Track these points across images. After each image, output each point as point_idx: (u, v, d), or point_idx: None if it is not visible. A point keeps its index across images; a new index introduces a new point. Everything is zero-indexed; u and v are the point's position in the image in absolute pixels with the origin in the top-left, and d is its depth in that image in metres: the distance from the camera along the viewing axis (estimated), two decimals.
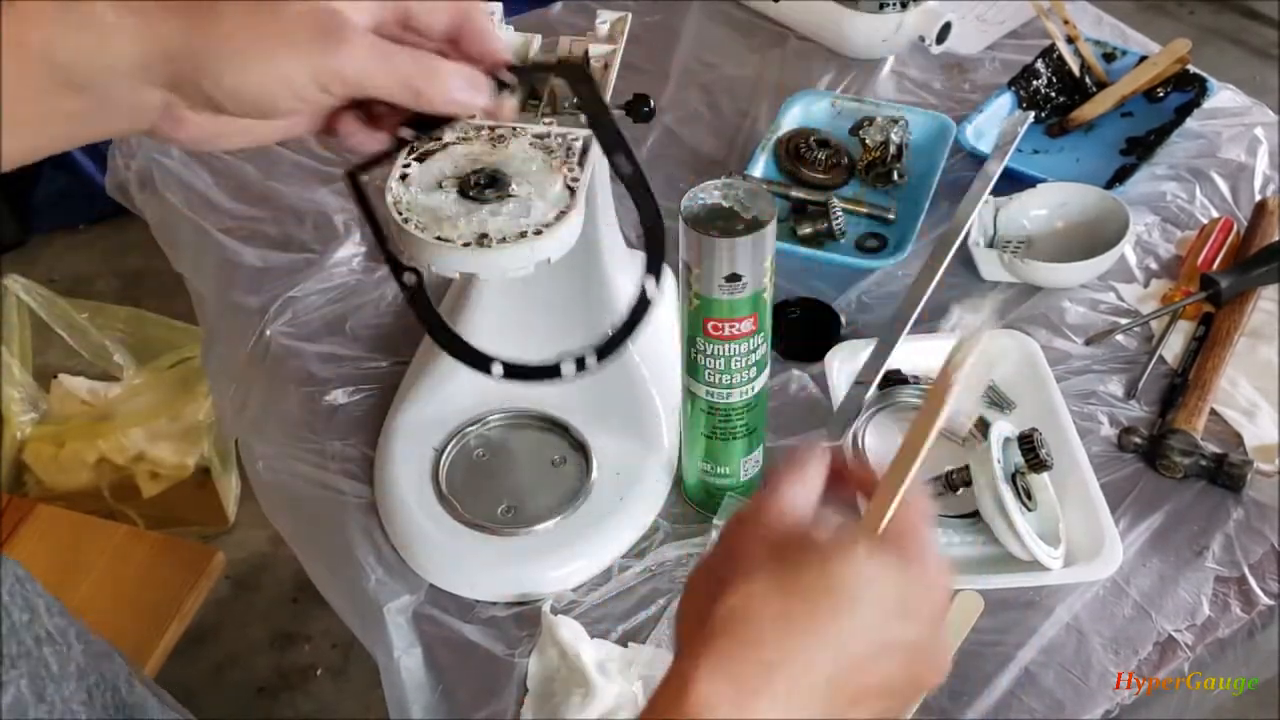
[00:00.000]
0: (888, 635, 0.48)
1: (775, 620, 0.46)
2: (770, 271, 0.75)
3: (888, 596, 0.48)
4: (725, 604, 0.46)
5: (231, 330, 1.09)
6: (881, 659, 0.48)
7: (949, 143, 1.17)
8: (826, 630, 0.46)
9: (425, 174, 0.92)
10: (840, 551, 0.48)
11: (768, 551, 0.48)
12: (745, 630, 0.46)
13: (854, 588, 0.47)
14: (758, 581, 0.47)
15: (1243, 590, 0.83)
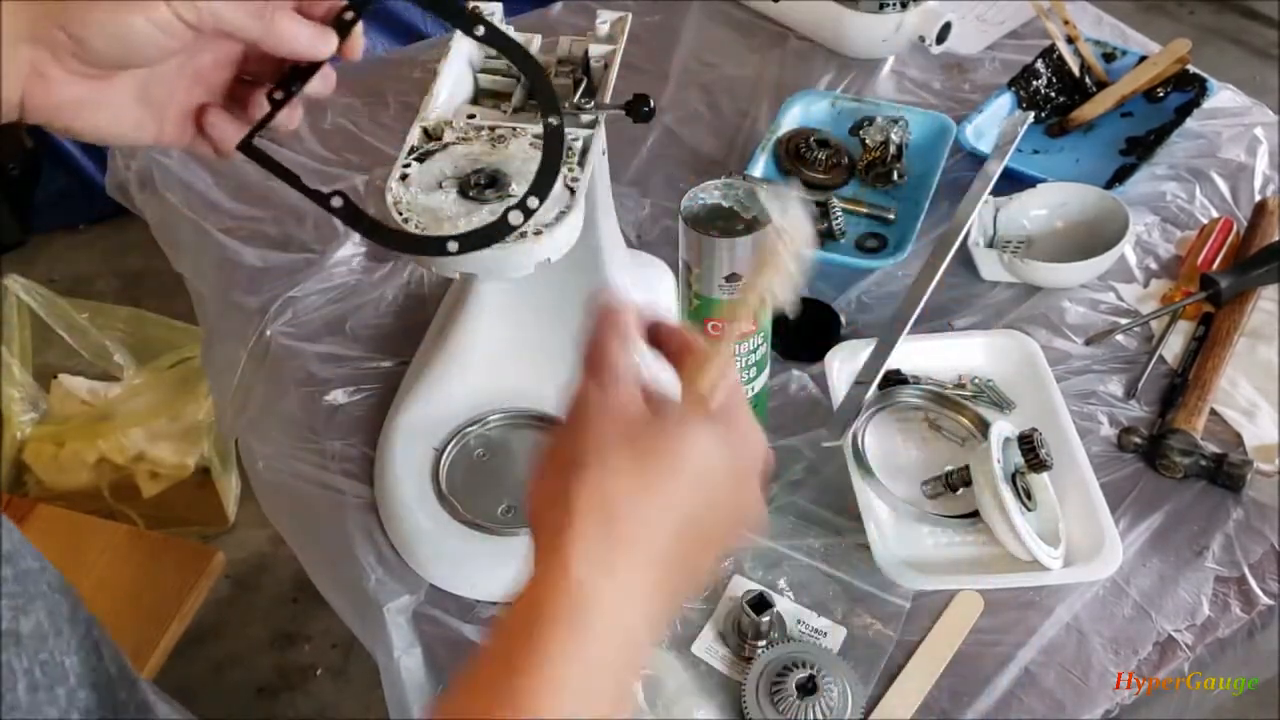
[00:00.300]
0: (722, 496, 0.53)
1: (631, 497, 0.50)
2: None
3: (721, 466, 0.53)
4: (584, 485, 0.50)
5: (231, 330, 1.09)
6: (717, 514, 0.53)
7: (949, 143, 1.17)
8: (674, 501, 0.51)
9: (425, 174, 0.92)
10: (681, 431, 0.53)
11: (617, 434, 0.52)
12: (606, 511, 0.49)
13: (695, 463, 0.52)
14: (612, 465, 0.50)
15: (1243, 590, 0.84)
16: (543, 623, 0.47)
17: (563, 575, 0.48)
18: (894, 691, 0.77)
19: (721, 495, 0.53)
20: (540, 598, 0.49)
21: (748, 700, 0.75)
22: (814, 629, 0.81)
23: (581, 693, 0.46)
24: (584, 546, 0.49)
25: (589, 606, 0.48)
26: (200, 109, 0.68)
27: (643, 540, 0.50)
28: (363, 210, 0.70)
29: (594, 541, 0.49)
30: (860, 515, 0.85)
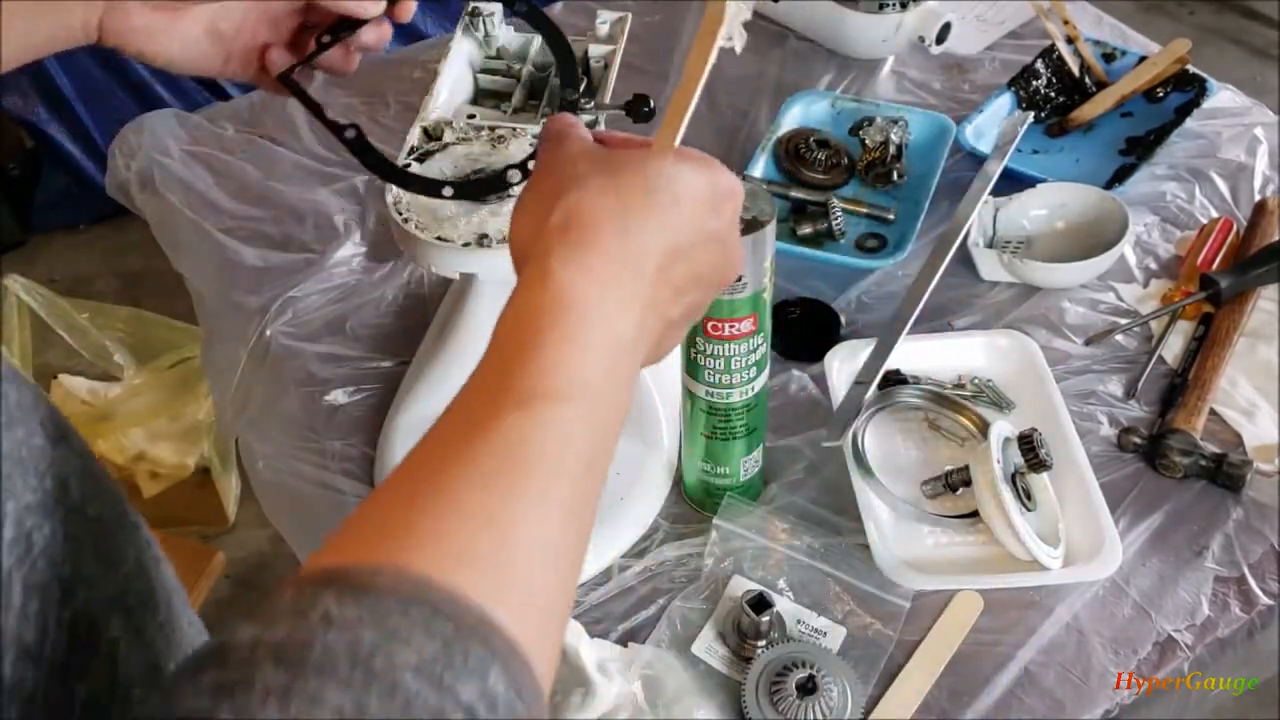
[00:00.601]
0: (704, 226, 0.54)
1: (611, 215, 0.50)
2: (770, 271, 0.75)
3: (700, 193, 0.54)
4: (562, 207, 0.50)
5: (231, 330, 1.09)
6: (699, 248, 0.53)
7: (949, 143, 1.17)
8: (656, 222, 0.51)
9: (425, 174, 0.92)
10: (654, 158, 0.54)
11: (591, 163, 0.53)
12: (586, 226, 0.50)
13: (672, 185, 0.53)
14: (590, 186, 0.51)
15: (1242, 590, 0.84)
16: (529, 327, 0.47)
17: (544, 281, 0.48)
18: (894, 691, 0.77)
19: (708, 226, 0.54)
20: (522, 307, 0.48)
21: (747, 700, 0.75)
22: (814, 629, 0.81)
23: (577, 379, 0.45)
24: (562, 253, 0.49)
25: (572, 304, 0.47)
26: (264, 47, 0.75)
27: (623, 251, 0.50)
28: (371, 145, 0.76)
29: (573, 248, 0.49)
30: (860, 515, 0.85)
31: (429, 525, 0.40)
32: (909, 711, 0.76)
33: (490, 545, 0.40)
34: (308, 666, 0.34)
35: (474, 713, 0.36)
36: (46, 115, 2.33)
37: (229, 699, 0.34)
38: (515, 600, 0.39)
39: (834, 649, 0.79)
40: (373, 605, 0.36)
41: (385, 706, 0.34)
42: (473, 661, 0.36)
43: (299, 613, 0.36)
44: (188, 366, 1.78)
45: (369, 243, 1.13)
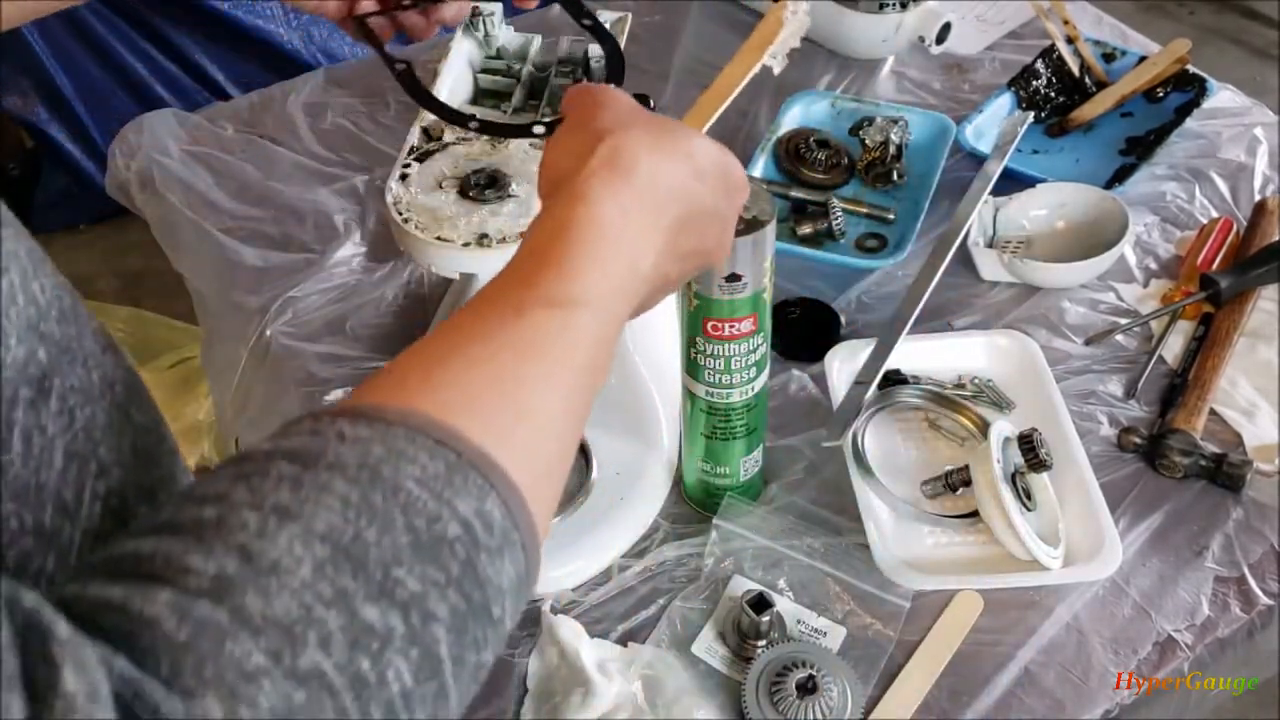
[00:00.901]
0: (716, 204, 0.58)
1: (651, 162, 0.54)
2: (770, 271, 0.75)
3: (721, 175, 0.58)
4: (610, 143, 0.53)
5: (231, 330, 1.09)
6: (707, 221, 0.58)
7: (949, 143, 1.17)
8: (683, 182, 0.55)
9: (425, 174, 0.92)
10: (689, 128, 0.59)
11: (638, 115, 0.57)
12: (628, 164, 0.53)
13: (704, 158, 0.57)
14: (637, 132, 0.55)
15: (1242, 590, 0.84)
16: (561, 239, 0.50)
17: (583, 201, 0.51)
18: (894, 691, 0.77)
19: (715, 198, 0.58)
20: (558, 221, 0.51)
21: (747, 700, 0.75)
22: (814, 629, 0.81)
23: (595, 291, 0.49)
24: (603, 179, 0.52)
25: (602, 226, 0.51)
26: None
27: (653, 197, 0.54)
28: (420, 83, 0.80)
29: (612, 179, 0.52)
30: (860, 515, 0.85)
31: (438, 379, 0.43)
32: (909, 711, 0.76)
33: (495, 402, 0.43)
34: (320, 465, 0.38)
35: (470, 527, 0.39)
36: (46, 115, 2.33)
37: (245, 482, 0.37)
38: (515, 452, 0.42)
39: (834, 649, 0.79)
40: (383, 430, 0.39)
41: (387, 503, 0.37)
42: (472, 485, 0.39)
43: (314, 431, 0.40)
44: (188, 366, 1.78)
45: (369, 243, 1.13)
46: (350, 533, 0.36)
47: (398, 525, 0.37)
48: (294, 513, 0.36)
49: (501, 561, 0.40)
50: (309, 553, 0.35)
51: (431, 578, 0.37)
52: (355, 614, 0.35)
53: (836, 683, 0.75)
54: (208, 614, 0.33)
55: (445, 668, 0.37)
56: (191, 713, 0.32)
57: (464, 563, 0.38)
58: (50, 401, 0.41)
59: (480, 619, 0.39)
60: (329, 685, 0.34)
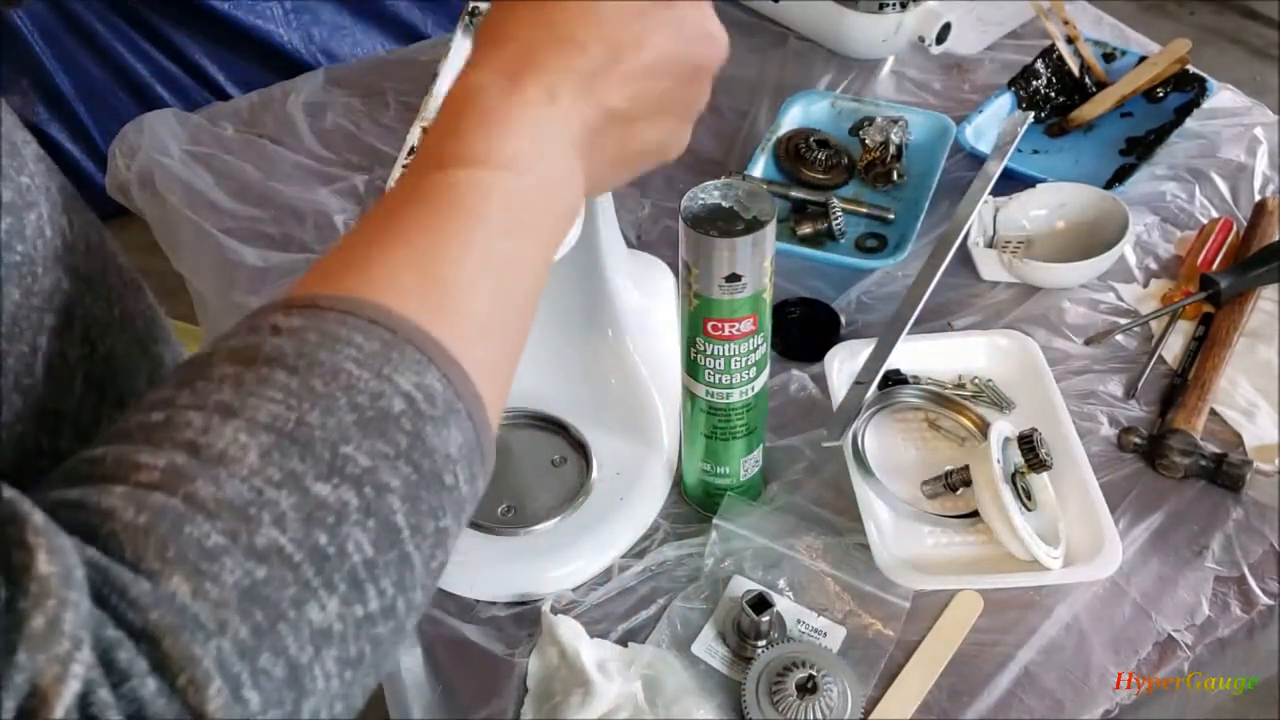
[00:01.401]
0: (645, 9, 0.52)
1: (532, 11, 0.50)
2: (770, 271, 0.75)
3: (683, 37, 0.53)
4: (488, 17, 0.51)
5: None
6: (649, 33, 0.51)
7: (949, 143, 1.17)
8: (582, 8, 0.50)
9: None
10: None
11: None
12: (503, 30, 0.50)
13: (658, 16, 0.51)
14: None
15: (1242, 590, 0.84)
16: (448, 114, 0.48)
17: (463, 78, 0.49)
18: (894, 691, 0.77)
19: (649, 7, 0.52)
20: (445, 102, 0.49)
21: (747, 700, 0.75)
22: (814, 629, 0.81)
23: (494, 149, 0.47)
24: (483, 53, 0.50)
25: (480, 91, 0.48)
26: None
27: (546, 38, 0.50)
28: None
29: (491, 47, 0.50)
30: (860, 515, 0.85)
31: (363, 261, 0.43)
32: (909, 711, 0.76)
33: (417, 275, 0.43)
34: (258, 360, 0.38)
35: (413, 400, 0.39)
36: (46, 115, 2.33)
37: (189, 387, 0.38)
38: (446, 323, 0.42)
39: (834, 649, 0.79)
40: (316, 316, 0.40)
41: (329, 386, 0.38)
42: (409, 360, 0.40)
43: (251, 328, 0.40)
44: None
45: None
46: (293, 419, 0.37)
47: (341, 405, 0.38)
48: (235, 408, 0.37)
49: (448, 430, 0.41)
50: (254, 441, 0.36)
51: (380, 451, 0.38)
52: (306, 492, 0.36)
53: (836, 683, 0.75)
54: (162, 501, 0.34)
55: (404, 535, 0.38)
56: (160, 590, 0.33)
57: (410, 434, 0.39)
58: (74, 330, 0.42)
59: (433, 487, 0.40)
60: (288, 559, 0.35)
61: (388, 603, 0.38)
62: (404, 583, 0.39)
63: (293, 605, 0.35)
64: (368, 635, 0.37)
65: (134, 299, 0.48)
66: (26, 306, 0.41)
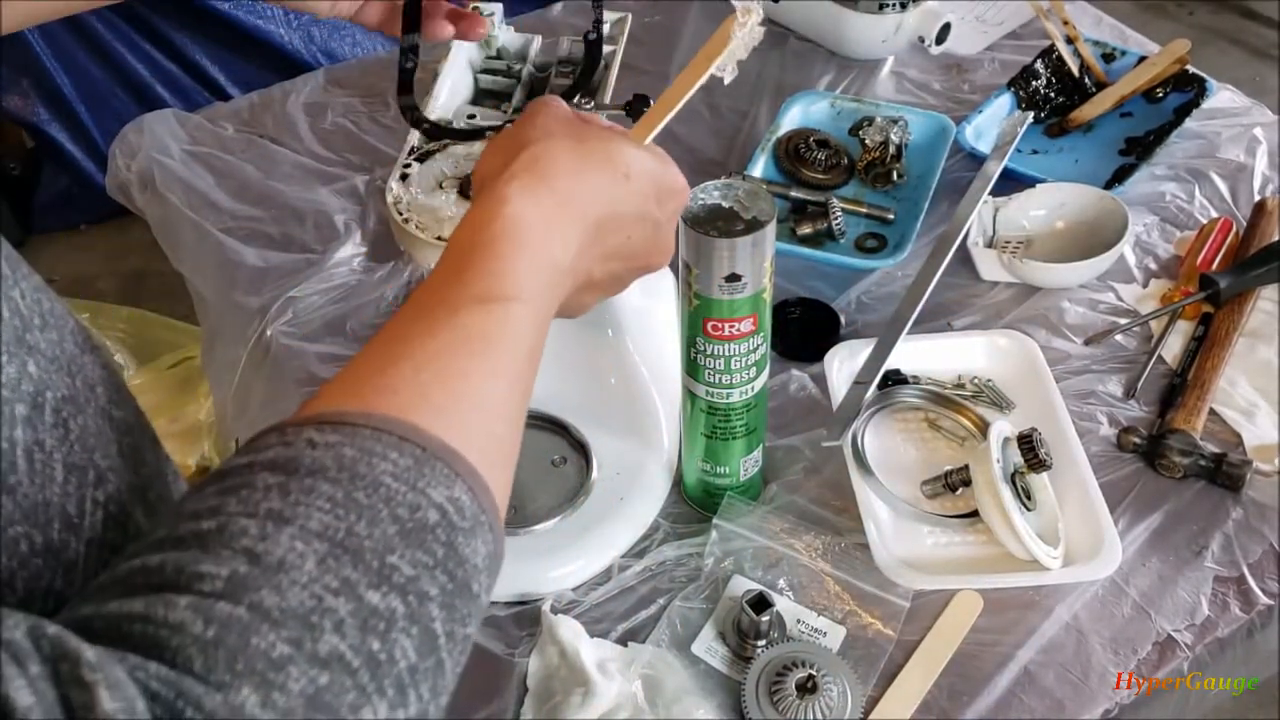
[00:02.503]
0: (644, 207, 0.61)
1: (569, 165, 0.57)
2: (770, 271, 0.75)
3: (649, 179, 0.61)
4: (531, 152, 0.57)
5: (232, 330, 1.09)
6: (635, 224, 0.60)
7: (948, 143, 1.17)
8: (606, 185, 0.58)
9: (425, 174, 0.92)
10: (619, 137, 0.62)
11: (564, 125, 0.60)
12: (546, 169, 0.56)
13: (628, 162, 0.59)
14: (558, 140, 0.58)
15: (1242, 590, 0.84)
16: (484, 240, 0.53)
17: (502, 204, 0.54)
18: (893, 691, 0.78)
19: (649, 209, 0.61)
20: (479, 223, 0.53)
21: (747, 700, 0.75)
22: (814, 629, 0.81)
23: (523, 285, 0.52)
24: (522, 183, 0.55)
25: (520, 224, 0.53)
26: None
27: (572, 198, 0.56)
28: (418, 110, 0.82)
29: (531, 183, 0.55)
30: (860, 515, 0.85)
31: (390, 381, 0.46)
32: (909, 711, 0.77)
33: (446, 396, 0.46)
34: (300, 470, 0.40)
35: (445, 513, 0.42)
36: (46, 115, 2.33)
37: (234, 495, 0.39)
38: (472, 441, 0.45)
39: (834, 649, 0.80)
40: (350, 433, 0.42)
41: (371, 498, 0.40)
42: (440, 475, 0.42)
43: (285, 442, 0.42)
44: (188, 366, 1.78)
45: (369, 243, 1.13)
46: (343, 528, 0.39)
47: (383, 517, 0.40)
48: (287, 516, 0.38)
49: (475, 541, 0.43)
50: (310, 549, 0.38)
51: (421, 561, 0.40)
52: (361, 600, 0.38)
53: (836, 682, 0.75)
54: (229, 612, 0.35)
55: (441, 642, 0.41)
56: (231, 702, 0.34)
57: (446, 545, 0.41)
58: (45, 415, 0.42)
59: (465, 595, 0.42)
60: (348, 666, 0.37)
61: (424, 707, 0.40)
62: (437, 688, 0.41)
63: (350, 710, 0.36)
64: None
65: (92, 364, 0.48)
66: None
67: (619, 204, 0.59)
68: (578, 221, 0.56)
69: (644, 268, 0.64)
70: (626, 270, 0.63)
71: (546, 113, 0.61)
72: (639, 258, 0.63)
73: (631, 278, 0.64)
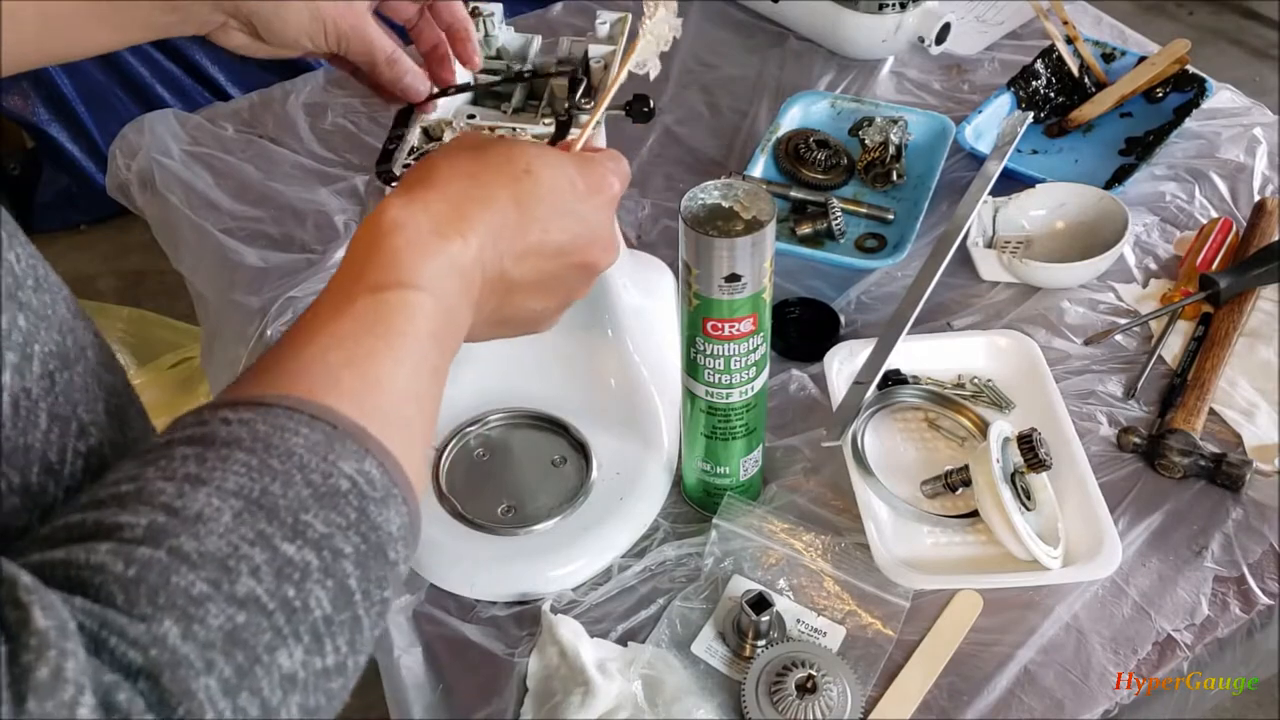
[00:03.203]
0: (561, 200, 0.60)
1: (462, 170, 0.58)
2: (770, 271, 0.75)
3: (561, 173, 0.60)
4: (423, 165, 0.58)
5: (232, 330, 1.09)
6: (555, 219, 0.60)
7: (948, 143, 1.17)
8: (505, 183, 0.58)
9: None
10: (521, 142, 0.61)
11: (467, 140, 0.61)
12: (435, 178, 0.57)
13: (529, 161, 0.59)
14: (453, 154, 0.59)
15: (1242, 590, 0.84)
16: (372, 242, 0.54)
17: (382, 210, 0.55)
18: (893, 691, 0.78)
19: (558, 195, 0.60)
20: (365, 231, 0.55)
21: (747, 700, 0.75)
22: (814, 629, 0.81)
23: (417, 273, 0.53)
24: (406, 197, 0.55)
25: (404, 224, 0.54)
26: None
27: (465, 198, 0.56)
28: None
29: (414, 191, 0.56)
30: (860, 515, 0.85)
31: (300, 366, 0.48)
32: (908, 711, 0.77)
33: (353, 378, 0.48)
34: (216, 442, 0.42)
35: (356, 482, 0.44)
36: (46, 115, 2.33)
37: (153, 464, 0.41)
38: (380, 420, 0.47)
39: (834, 649, 0.80)
40: (263, 411, 0.44)
41: (284, 464, 0.42)
42: (350, 450, 0.44)
43: (201, 421, 0.44)
44: (188, 366, 1.78)
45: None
46: (258, 488, 0.41)
47: (297, 481, 0.42)
48: (204, 478, 0.41)
49: (388, 511, 0.45)
50: (226, 504, 0.40)
51: (335, 521, 0.42)
52: (276, 550, 0.40)
53: (836, 682, 0.75)
54: (149, 554, 0.38)
55: (356, 599, 0.42)
56: (154, 632, 0.36)
57: (358, 509, 0.43)
58: (33, 366, 0.44)
59: (379, 559, 0.44)
60: (264, 608, 0.39)
61: (340, 659, 0.41)
62: (354, 643, 0.42)
63: (267, 650, 0.38)
64: (324, 688, 0.41)
65: (84, 330, 0.50)
66: None
67: (523, 200, 0.59)
68: (475, 220, 0.56)
69: (583, 265, 0.63)
70: (563, 268, 0.62)
71: (455, 139, 0.62)
72: (570, 254, 0.61)
73: (576, 276, 0.63)
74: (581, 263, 0.63)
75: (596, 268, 0.64)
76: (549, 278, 0.61)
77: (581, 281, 0.64)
